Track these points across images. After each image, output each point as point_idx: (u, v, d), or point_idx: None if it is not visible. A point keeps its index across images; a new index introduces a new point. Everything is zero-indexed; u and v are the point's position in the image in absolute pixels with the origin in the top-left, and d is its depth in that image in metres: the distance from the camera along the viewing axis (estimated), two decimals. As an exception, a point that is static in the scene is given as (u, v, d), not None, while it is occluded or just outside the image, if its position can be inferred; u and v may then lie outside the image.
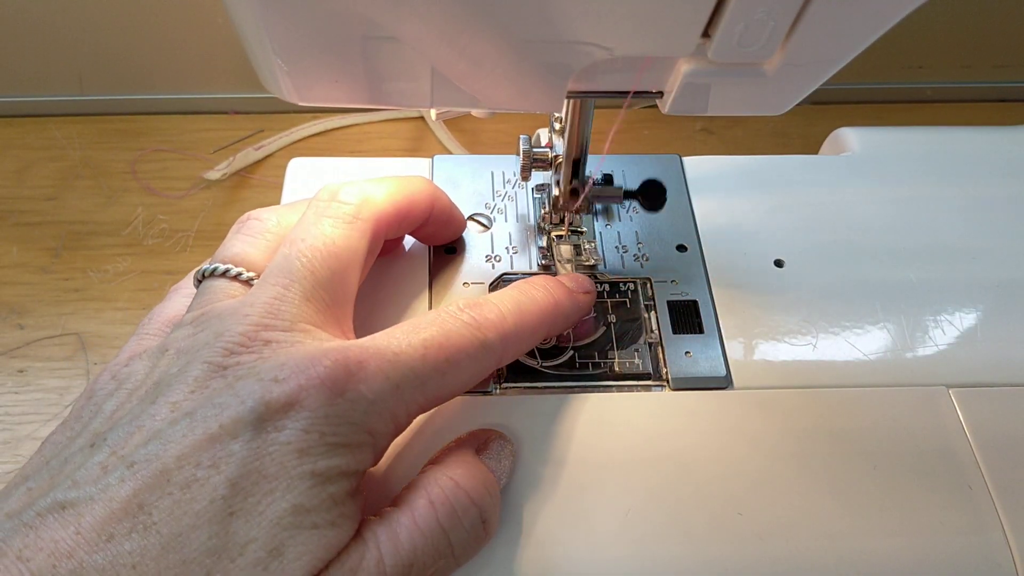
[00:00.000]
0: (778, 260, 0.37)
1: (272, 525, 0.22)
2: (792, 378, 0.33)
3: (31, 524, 0.21)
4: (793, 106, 0.27)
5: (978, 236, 0.38)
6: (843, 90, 0.57)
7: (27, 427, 0.41)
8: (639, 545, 0.29)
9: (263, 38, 0.24)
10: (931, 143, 0.43)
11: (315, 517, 0.23)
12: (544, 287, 0.30)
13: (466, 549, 0.26)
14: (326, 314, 0.27)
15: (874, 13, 0.23)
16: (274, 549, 0.22)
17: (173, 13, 0.50)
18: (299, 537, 0.22)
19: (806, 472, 0.30)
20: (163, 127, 0.54)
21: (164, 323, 0.29)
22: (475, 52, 0.24)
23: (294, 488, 0.22)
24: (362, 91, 0.26)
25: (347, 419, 0.24)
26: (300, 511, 0.22)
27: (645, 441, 0.31)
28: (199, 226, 0.49)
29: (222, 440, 0.22)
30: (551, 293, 0.30)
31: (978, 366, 0.34)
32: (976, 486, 0.30)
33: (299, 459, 0.23)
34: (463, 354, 0.26)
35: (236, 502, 0.22)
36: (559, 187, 0.36)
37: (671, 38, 0.24)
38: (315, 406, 0.23)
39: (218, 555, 0.22)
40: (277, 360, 0.24)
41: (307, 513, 0.23)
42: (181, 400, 0.23)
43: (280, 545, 0.22)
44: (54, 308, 0.45)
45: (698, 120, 0.56)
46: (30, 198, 0.50)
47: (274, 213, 0.31)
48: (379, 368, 0.24)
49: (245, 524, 0.22)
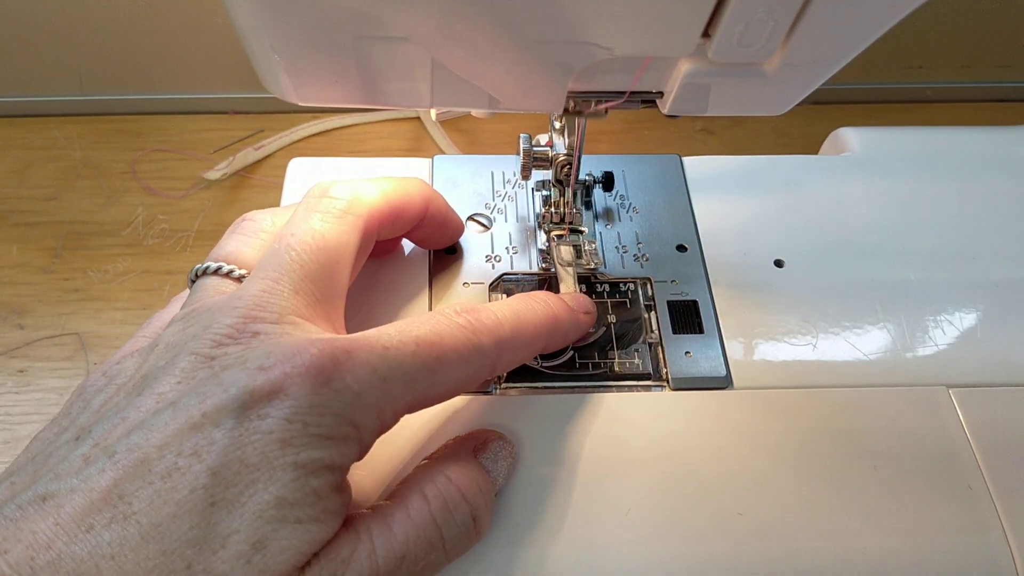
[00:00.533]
0: (778, 260, 0.37)
1: (255, 517, 0.22)
2: (792, 378, 0.33)
3: (12, 517, 0.21)
4: (793, 106, 0.27)
5: (978, 236, 0.38)
6: (843, 90, 0.57)
7: (27, 427, 0.41)
8: (639, 545, 0.29)
9: (262, 38, 0.24)
10: (931, 143, 0.42)
11: (298, 511, 0.22)
12: (544, 301, 0.30)
13: (457, 545, 0.26)
14: (316, 308, 0.27)
15: (874, 13, 0.23)
16: (257, 542, 0.22)
17: (173, 13, 0.50)
18: (282, 531, 0.22)
19: (806, 472, 0.30)
20: (163, 127, 0.54)
21: (161, 326, 0.29)
22: (474, 52, 0.24)
23: (276, 479, 0.22)
24: (361, 91, 0.26)
25: (332, 409, 0.23)
26: (283, 504, 0.22)
27: (645, 441, 0.31)
28: (199, 226, 0.49)
29: (204, 428, 0.22)
30: (551, 307, 0.30)
31: (978, 366, 0.34)
32: (976, 486, 0.30)
33: (281, 449, 0.22)
34: (455, 355, 0.26)
35: (218, 492, 0.22)
36: (558, 187, 0.36)
37: (671, 38, 0.24)
38: (299, 395, 0.23)
39: (199, 546, 0.21)
40: (264, 349, 0.24)
41: (290, 507, 0.22)
42: (167, 391, 0.23)
43: (263, 539, 0.22)
44: (54, 308, 0.45)
45: (698, 120, 0.56)
46: (30, 198, 0.50)
47: (269, 214, 0.31)
48: (367, 360, 0.24)
49: (227, 515, 0.22)
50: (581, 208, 0.37)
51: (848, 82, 0.57)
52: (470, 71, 0.25)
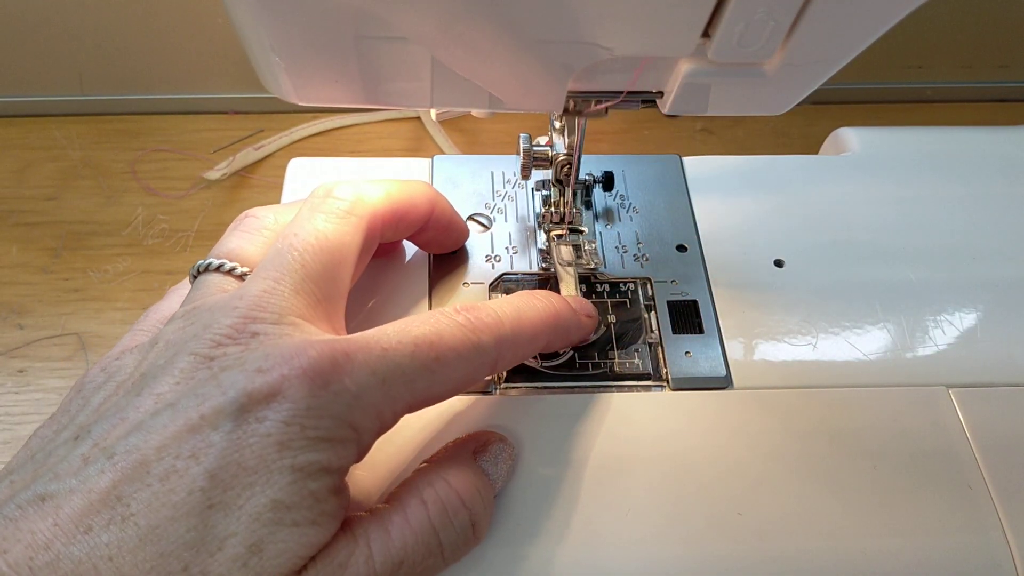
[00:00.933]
0: (778, 260, 0.37)
1: (252, 520, 0.22)
2: (792, 378, 0.33)
3: (11, 517, 0.21)
4: (793, 106, 0.27)
5: (978, 236, 0.38)
6: (843, 90, 0.57)
7: (27, 427, 0.41)
8: (640, 545, 0.29)
9: (262, 38, 0.24)
10: (931, 143, 0.42)
11: (295, 514, 0.22)
12: (546, 298, 0.30)
13: (455, 550, 0.26)
14: (317, 308, 0.27)
15: (874, 13, 0.23)
16: (253, 545, 0.22)
17: (173, 13, 0.50)
18: (279, 534, 0.22)
19: (806, 472, 0.30)
20: (163, 127, 0.54)
21: (159, 320, 0.29)
22: (474, 52, 0.24)
23: (274, 482, 0.22)
24: (361, 91, 0.26)
25: (330, 412, 0.23)
26: (280, 507, 0.22)
27: (645, 441, 0.31)
28: (199, 226, 0.49)
29: (202, 431, 0.22)
30: (552, 305, 0.30)
31: (978, 366, 0.34)
32: (976, 486, 0.30)
33: (279, 452, 0.22)
34: (454, 354, 0.26)
35: (215, 494, 0.22)
36: (558, 186, 0.36)
37: (671, 38, 0.24)
38: (297, 397, 0.23)
39: (196, 548, 0.21)
40: (263, 351, 0.24)
41: (287, 509, 0.22)
42: (166, 391, 0.23)
43: (260, 542, 0.22)
44: (54, 308, 0.45)
45: (698, 120, 0.56)
46: (30, 198, 0.50)
47: (271, 211, 0.31)
48: (366, 362, 0.24)
49: (224, 517, 0.22)
50: (581, 208, 0.37)
51: (848, 82, 0.57)
52: (471, 71, 0.25)
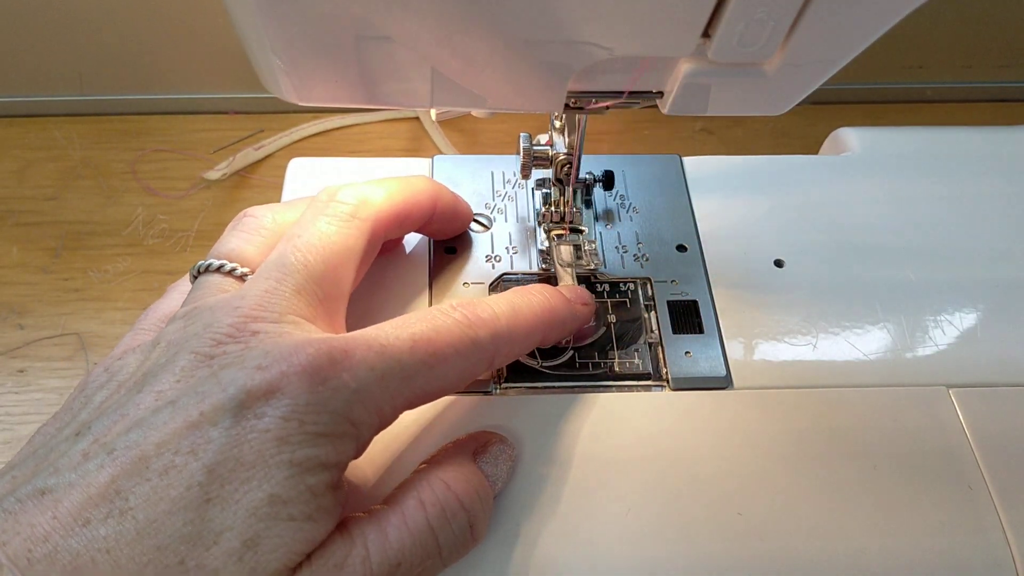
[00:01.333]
0: (778, 260, 0.37)
1: (248, 515, 0.22)
2: (792, 378, 0.33)
3: (11, 510, 0.21)
4: (793, 106, 0.27)
5: (978, 236, 0.38)
6: (843, 90, 0.57)
7: (27, 427, 0.41)
8: (639, 545, 0.29)
9: (262, 38, 0.24)
10: (931, 143, 0.42)
11: (292, 509, 0.23)
12: (541, 292, 0.30)
13: (453, 552, 0.26)
14: (317, 308, 0.27)
15: (874, 13, 0.23)
16: (249, 540, 0.22)
17: (173, 13, 0.50)
18: (275, 529, 0.22)
19: (806, 472, 0.30)
20: (163, 127, 0.54)
21: (160, 319, 0.29)
22: (474, 52, 0.24)
23: (271, 477, 0.22)
24: (361, 91, 0.26)
25: (328, 408, 0.23)
26: (277, 501, 0.22)
27: (645, 441, 0.31)
28: (199, 226, 0.49)
29: (201, 427, 0.22)
30: (547, 299, 0.30)
31: (978, 366, 0.34)
32: (976, 486, 0.30)
33: (278, 447, 0.22)
34: (452, 350, 0.26)
35: (213, 489, 0.22)
36: (557, 186, 0.36)
37: (671, 38, 0.24)
38: (296, 393, 0.23)
39: (193, 542, 0.22)
40: (263, 348, 0.24)
41: (284, 504, 0.22)
42: (166, 389, 0.24)
43: (255, 536, 0.22)
44: (54, 308, 0.45)
45: (698, 120, 0.56)
46: (30, 198, 0.50)
47: (270, 211, 0.31)
48: (364, 358, 0.24)
49: (221, 512, 0.22)
50: (581, 207, 0.37)
51: (848, 82, 0.57)
52: (471, 76, 0.25)
